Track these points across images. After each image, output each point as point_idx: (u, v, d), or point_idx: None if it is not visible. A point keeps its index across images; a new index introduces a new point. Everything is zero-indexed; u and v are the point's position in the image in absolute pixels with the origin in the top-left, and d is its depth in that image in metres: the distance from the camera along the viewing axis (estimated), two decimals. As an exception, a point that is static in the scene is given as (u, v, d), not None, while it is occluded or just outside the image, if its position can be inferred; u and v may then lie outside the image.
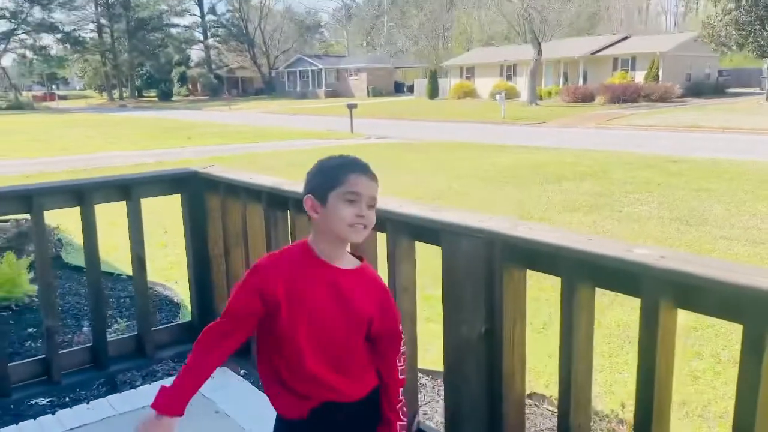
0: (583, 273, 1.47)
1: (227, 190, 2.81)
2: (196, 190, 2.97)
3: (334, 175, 1.45)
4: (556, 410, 3.02)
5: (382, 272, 2.13)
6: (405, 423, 1.57)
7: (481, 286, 1.66)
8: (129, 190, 2.79)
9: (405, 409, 1.58)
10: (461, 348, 1.75)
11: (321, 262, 1.48)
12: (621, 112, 27.46)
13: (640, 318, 1.36)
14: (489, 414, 1.72)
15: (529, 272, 1.65)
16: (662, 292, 1.33)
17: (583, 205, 8.98)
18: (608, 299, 4.95)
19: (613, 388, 3.65)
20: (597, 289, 1.51)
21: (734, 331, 3.99)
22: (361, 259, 1.56)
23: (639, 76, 35.87)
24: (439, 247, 1.83)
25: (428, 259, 2.17)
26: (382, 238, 2.11)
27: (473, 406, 1.75)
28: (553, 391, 3.74)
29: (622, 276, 1.39)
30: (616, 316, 4.58)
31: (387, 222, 1.98)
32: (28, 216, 6.44)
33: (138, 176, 2.94)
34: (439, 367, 3.40)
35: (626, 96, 31.58)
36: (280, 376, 1.56)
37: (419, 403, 2.29)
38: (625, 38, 41.44)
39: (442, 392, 3.55)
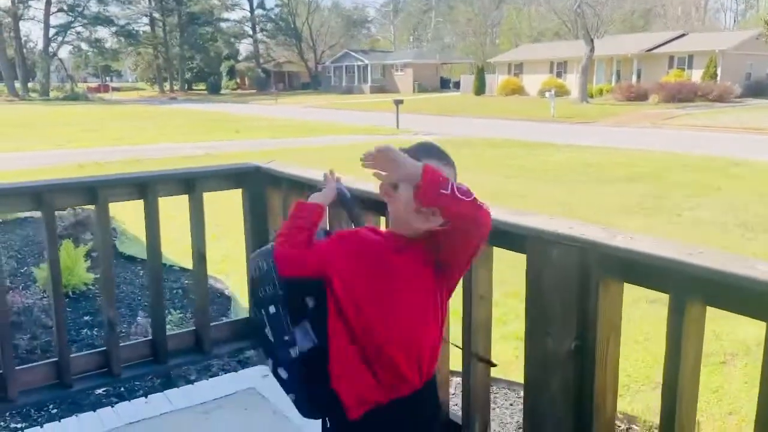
0: (694, 290, 1.33)
1: (290, 185, 2.75)
2: (258, 186, 2.92)
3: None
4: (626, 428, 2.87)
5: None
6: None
7: (573, 298, 1.54)
8: (192, 183, 2.76)
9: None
10: (546, 363, 1.63)
11: None
12: (676, 111, 26.57)
13: (765, 345, 1.22)
14: (575, 436, 1.60)
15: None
16: (791, 315, 1.19)
17: (639, 208, 8.66)
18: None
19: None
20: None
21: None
22: None
23: (696, 75, 34.64)
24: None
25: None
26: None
27: (558, 428, 1.63)
28: (620, 405, 3.58)
29: (743, 296, 1.25)
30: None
31: (464, 225, 1.86)
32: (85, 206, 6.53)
33: (201, 170, 2.91)
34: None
35: (682, 95, 30.54)
36: None
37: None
38: (682, 35, 40.08)
39: (498, 401, 3.42)
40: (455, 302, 2.12)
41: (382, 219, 2.05)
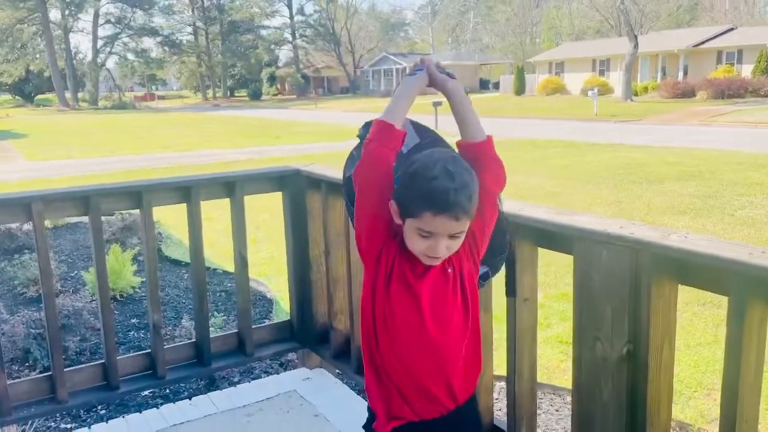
0: (756, 292, 1.25)
1: (329, 188, 2.74)
2: (298, 189, 2.92)
3: (413, 202, 1.31)
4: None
5: (500, 280, 1.97)
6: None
7: (624, 301, 1.48)
8: (233, 187, 2.78)
9: None
10: (596, 369, 1.57)
11: None
12: (726, 108, 25.69)
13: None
14: (628, 445, 1.53)
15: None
16: None
17: (689, 208, 8.39)
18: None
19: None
20: None
21: None
22: None
23: (746, 70, 33.45)
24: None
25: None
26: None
27: (609, 435, 1.57)
28: (673, 412, 3.44)
29: (811, 298, 1.17)
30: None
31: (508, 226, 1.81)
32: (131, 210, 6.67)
33: (242, 174, 2.93)
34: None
35: (731, 91, 29.53)
36: None
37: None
38: (731, 30, 38.77)
39: (544, 406, 3.33)
40: (498, 306, 2.07)
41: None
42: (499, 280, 2.01)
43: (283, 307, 4.75)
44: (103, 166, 14.25)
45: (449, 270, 1.39)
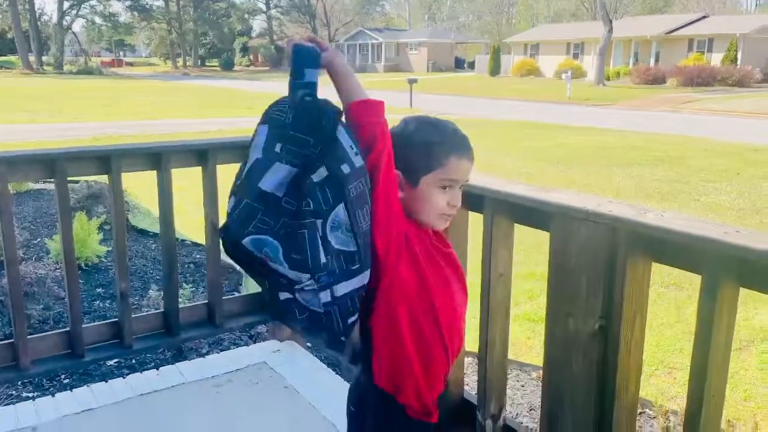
0: (728, 270, 1.27)
1: (305, 159, 2.69)
2: (272, 159, 2.86)
3: (430, 153, 1.26)
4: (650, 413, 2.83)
5: (476, 255, 1.98)
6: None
7: (599, 277, 1.49)
8: (206, 155, 2.71)
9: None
10: (568, 344, 1.59)
11: None
12: (695, 95, 26.15)
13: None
14: (596, 420, 1.55)
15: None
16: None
17: (656, 192, 8.55)
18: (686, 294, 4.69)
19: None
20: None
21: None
22: None
23: (716, 59, 34.04)
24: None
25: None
26: (475, 219, 1.95)
27: (578, 410, 1.59)
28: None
29: (781, 277, 1.19)
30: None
31: (486, 201, 1.81)
32: (96, 178, 6.49)
33: (215, 141, 2.86)
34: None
35: (701, 79, 30.08)
36: None
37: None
38: (703, 18, 39.32)
39: (510, 381, 3.39)
40: (474, 281, 2.07)
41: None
42: (476, 259, 2.01)
43: (252, 281, 4.70)
44: (69, 132, 13.86)
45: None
